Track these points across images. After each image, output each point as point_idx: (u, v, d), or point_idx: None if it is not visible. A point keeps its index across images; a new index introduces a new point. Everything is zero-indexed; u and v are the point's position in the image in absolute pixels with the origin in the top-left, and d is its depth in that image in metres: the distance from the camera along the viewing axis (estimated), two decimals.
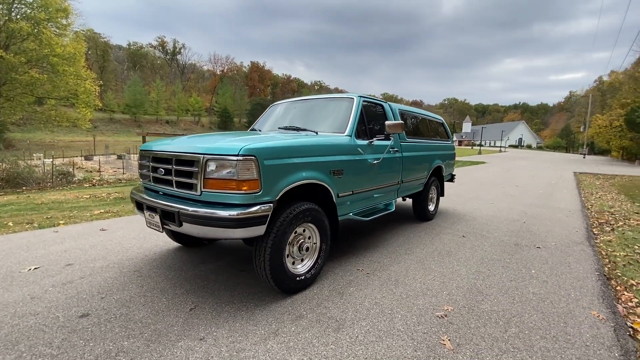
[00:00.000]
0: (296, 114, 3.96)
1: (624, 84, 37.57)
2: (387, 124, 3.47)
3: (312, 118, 3.74)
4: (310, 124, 3.62)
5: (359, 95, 3.71)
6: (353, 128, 3.38)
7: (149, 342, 2.04)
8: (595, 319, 2.52)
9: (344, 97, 3.75)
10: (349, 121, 3.43)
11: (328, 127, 3.48)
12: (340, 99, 3.78)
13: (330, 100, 3.88)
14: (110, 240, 4.06)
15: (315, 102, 3.99)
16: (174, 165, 2.56)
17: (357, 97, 3.67)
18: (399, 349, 2.05)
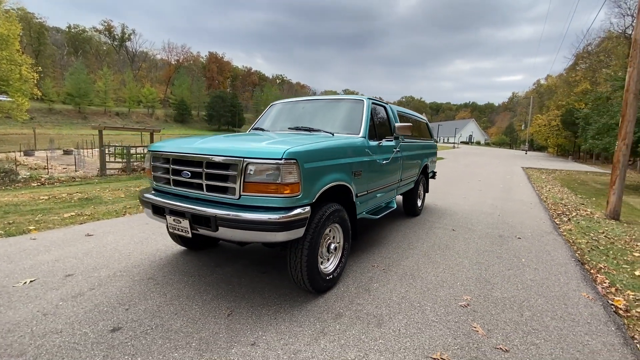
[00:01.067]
0: (303, 114, 3.97)
1: (559, 87, 42.02)
2: (397, 125, 3.63)
3: (322, 119, 3.78)
4: (320, 124, 3.65)
5: (367, 97, 3.83)
6: (366, 130, 3.49)
7: (201, 351, 1.99)
8: (586, 299, 2.92)
9: (354, 99, 3.84)
10: (362, 123, 3.53)
11: (341, 129, 3.54)
12: (350, 100, 3.86)
13: (340, 101, 3.94)
14: (103, 247, 3.78)
15: (323, 102, 4.03)
16: (205, 168, 2.47)
17: (366, 99, 3.78)
18: (441, 338, 2.22)
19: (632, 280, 3.51)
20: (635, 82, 6.76)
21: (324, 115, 3.85)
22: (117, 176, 14.28)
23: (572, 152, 36.45)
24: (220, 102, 65.79)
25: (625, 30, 25.43)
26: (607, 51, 29.60)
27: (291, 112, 4.12)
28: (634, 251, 4.64)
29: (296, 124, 3.75)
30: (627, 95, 6.87)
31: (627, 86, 6.87)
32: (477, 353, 2.08)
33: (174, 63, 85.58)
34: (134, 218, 5.18)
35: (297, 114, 4.02)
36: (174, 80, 72.59)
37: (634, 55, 6.75)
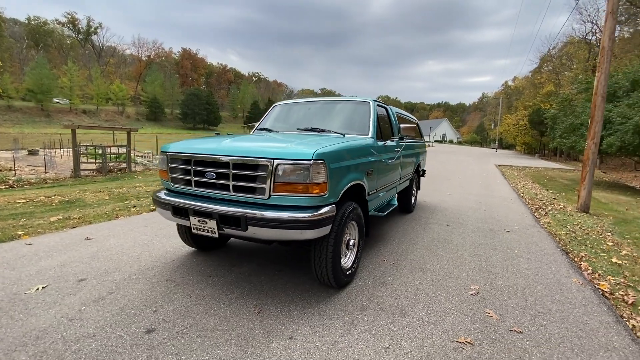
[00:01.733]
0: (310, 115, 4.06)
1: (525, 89, 44.50)
2: (402, 126, 3.82)
3: (330, 120, 3.89)
4: (328, 125, 3.76)
5: (372, 99, 3.98)
6: (375, 131, 3.64)
7: (242, 347, 2.05)
8: (577, 284, 3.23)
9: (360, 101, 3.98)
10: (370, 124, 3.67)
11: (350, 129, 3.67)
12: (356, 102, 3.99)
13: (346, 103, 4.06)
14: (107, 250, 3.69)
15: (329, 104, 4.14)
16: (232, 169, 2.51)
17: (372, 101, 3.93)
18: (461, 324, 2.40)
19: (611, 267, 3.89)
20: (603, 86, 7.37)
21: (331, 116, 3.96)
22: (92, 177, 13.66)
23: (538, 149, 38.80)
24: (195, 100, 63.98)
25: (586, 36, 27.34)
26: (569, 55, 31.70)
27: (297, 113, 4.19)
28: (607, 241, 5.12)
29: (303, 125, 3.83)
30: (595, 98, 7.47)
31: (596, 90, 7.48)
32: (496, 335, 2.28)
33: (144, 59, 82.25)
34: (129, 221, 5.05)
35: (303, 115, 4.10)
36: (145, 76, 69.76)
37: (602, 61, 7.36)
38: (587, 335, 2.35)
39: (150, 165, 19.37)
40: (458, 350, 2.11)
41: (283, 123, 4.13)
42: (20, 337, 2.09)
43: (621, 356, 2.12)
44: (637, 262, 4.17)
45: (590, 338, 2.31)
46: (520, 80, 54.52)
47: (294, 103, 4.48)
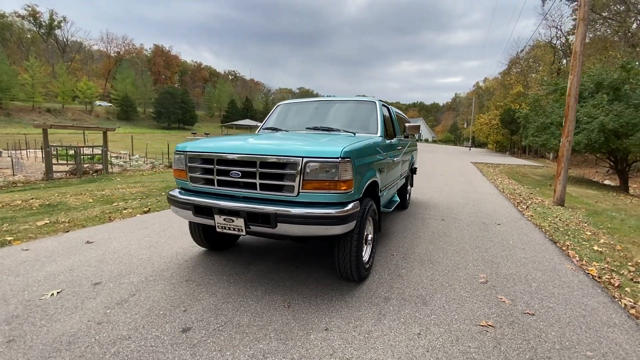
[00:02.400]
0: (317, 114, 4.13)
1: (496, 90, 46.63)
2: (408, 125, 3.98)
3: (337, 119, 3.98)
4: (336, 124, 3.85)
5: (378, 99, 4.11)
6: (383, 130, 3.77)
7: (282, 340, 2.11)
8: (571, 270, 3.52)
9: (366, 101, 4.10)
10: (378, 123, 3.80)
11: (359, 128, 3.77)
12: (363, 102, 4.11)
13: (353, 102, 4.17)
14: (114, 253, 3.59)
15: (336, 103, 4.23)
16: (260, 168, 2.55)
17: (377, 101, 4.06)
18: (479, 309, 2.58)
19: (594, 254, 4.25)
20: (575, 88, 7.94)
21: (338, 116, 4.05)
22: (67, 180, 12.98)
23: (509, 147, 40.89)
24: (170, 98, 61.85)
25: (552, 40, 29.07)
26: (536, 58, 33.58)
27: (303, 113, 4.25)
28: (585, 231, 5.55)
29: (311, 124, 3.89)
30: (569, 99, 8.04)
31: (569, 91, 8.04)
32: (512, 318, 2.47)
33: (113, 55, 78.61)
34: (126, 223, 4.90)
35: (310, 115, 4.17)
36: (115, 74, 66.68)
37: (574, 64, 7.93)
38: (590, 314, 2.59)
39: (127, 166, 18.62)
40: (482, 332, 2.27)
41: (290, 122, 4.18)
42: (51, 343, 2.04)
43: (622, 330, 2.37)
44: (615, 250, 4.58)
45: (593, 317, 2.56)
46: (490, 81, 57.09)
47: (297, 103, 4.53)
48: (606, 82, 12.76)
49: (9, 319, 2.27)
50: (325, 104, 4.28)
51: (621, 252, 4.51)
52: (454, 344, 2.13)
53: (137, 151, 25.16)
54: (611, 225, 6.37)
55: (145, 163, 20.32)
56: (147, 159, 21.79)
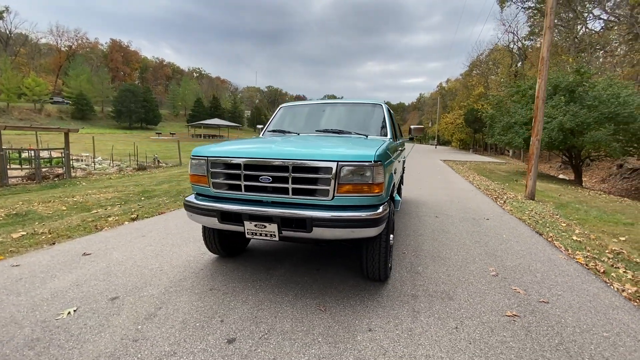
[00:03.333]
0: (325, 117, 4.15)
1: (459, 90, 49.12)
2: (412, 127, 4.12)
3: (346, 122, 4.04)
4: (345, 127, 3.91)
5: (383, 101, 4.22)
6: (392, 131, 3.88)
7: (332, 344, 2.13)
8: (564, 259, 3.85)
9: (373, 103, 4.19)
10: (387, 125, 3.91)
11: (367, 131, 3.85)
12: (369, 104, 4.20)
13: (360, 105, 4.24)
14: (119, 265, 3.38)
15: (342, 106, 4.28)
16: (292, 172, 2.53)
17: (383, 103, 4.17)
18: (500, 300, 2.76)
19: (575, 244, 4.67)
20: (543, 91, 8.62)
21: (346, 118, 4.11)
22: (24, 185, 11.91)
23: (472, 145, 43.33)
24: (131, 96, 58.43)
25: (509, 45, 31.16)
26: (495, 61, 35.83)
27: (310, 115, 4.26)
28: (560, 223, 6.07)
29: (320, 127, 3.92)
30: (538, 101, 8.71)
31: (537, 93, 8.71)
32: (532, 307, 2.68)
33: (64, 50, 72.69)
34: (118, 232, 4.62)
35: (318, 117, 4.18)
36: (67, 69, 61.73)
37: (542, 69, 8.60)
38: (594, 299, 2.87)
39: (91, 169, 17.38)
40: (511, 322, 2.44)
41: (297, 125, 4.17)
42: None
43: (625, 312, 2.66)
44: (590, 239, 5.06)
45: (597, 301, 2.84)
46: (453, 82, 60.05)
47: (300, 105, 4.53)
48: (563, 84, 13.95)
49: (31, 343, 2.09)
50: (330, 106, 4.32)
51: (596, 241, 4.99)
52: (491, 335, 2.27)
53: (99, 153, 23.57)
54: (578, 217, 7.00)
55: (111, 166, 19.08)
56: (112, 161, 20.47)
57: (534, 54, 29.83)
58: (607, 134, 12.15)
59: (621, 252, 4.36)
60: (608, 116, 12.36)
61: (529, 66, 28.60)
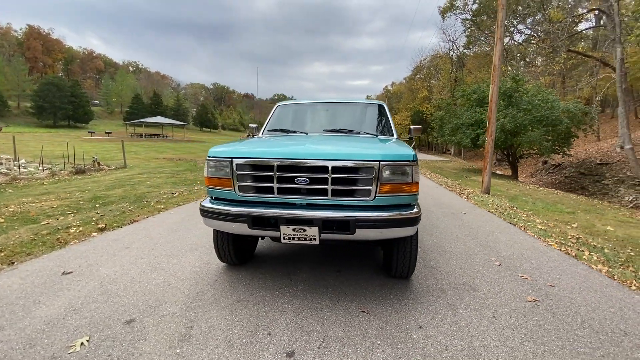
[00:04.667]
0: (329, 116, 4.11)
1: (404, 93, 52.11)
2: (412, 127, 4.26)
3: (352, 121, 4.04)
4: (351, 126, 3.91)
5: (383, 102, 4.29)
6: (396, 131, 3.97)
7: (393, 344, 2.11)
8: (545, 247, 4.31)
9: (374, 103, 4.25)
10: (392, 125, 3.99)
11: (373, 130, 3.90)
12: (372, 104, 4.25)
13: (362, 105, 4.27)
14: (114, 283, 2.96)
15: (344, 105, 4.27)
16: (332, 173, 2.45)
17: (384, 104, 4.25)
18: (517, 287, 2.99)
19: (541, 232, 5.24)
20: (495, 95, 9.52)
21: (351, 117, 4.11)
22: None
23: (418, 144, 46.39)
24: (55, 90, 51.39)
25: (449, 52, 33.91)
26: (436, 67, 38.73)
27: (314, 114, 4.17)
28: (521, 214, 6.77)
29: (326, 126, 3.86)
30: (491, 105, 9.60)
31: (491, 98, 9.60)
32: (544, 291, 2.95)
33: None
34: (92, 245, 4.04)
35: (321, 116, 4.12)
36: None
37: (494, 76, 9.50)
38: (586, 280, 3.25)
39: (15, 173, 14.93)
40: (535, 306, 2.66)
41: (299, 124, 4.05)
42: None
43: (616, 289, 3.05)
44: (550, 227, 5.72)
45: (591, 281, 3.22)
46: (397, 85, 63.55)
47: (299, 104, 4.43)
48: (502, 90, 15.59)
49: None
50: (331, 106, 4.28)
51: (555, 228, 5.66)
52: (526, 320, 2.45)
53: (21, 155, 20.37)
54: (529, 208, 7.88)
55: (40, 169, 16.58)
56: (42, 164, 17.80)
57: (470, 61, 32.93)
58: (540, 135, 13.89)
59: (580, 238, 5.00)
60: (540, 119, 14.14)
61: (467, 73, 31.49)
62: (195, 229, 4.68)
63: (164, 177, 11.02)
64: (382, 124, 4.02)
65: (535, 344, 2.16)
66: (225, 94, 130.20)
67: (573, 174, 17.16)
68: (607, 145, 18.78)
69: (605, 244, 4.73)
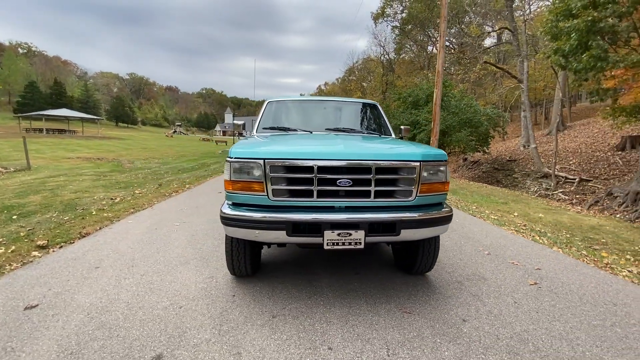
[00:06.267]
0: (328, 115, 4.03)
1: (337, 93, 53.79)
2: (403, 128, 4.41)
3: (353, 120, 4.06)
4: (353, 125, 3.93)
5: (376, 102, 4.35)
6: (392, 130, 4.07)
7: (452, 340, 2.14)
8: (511, 234, 4.89)
9: (369, 103, 4.27)
10: (388, 125, 4.07)
11: (372, 129, 3.94)
12: (367, 104, 4.25)
13: (358, 104, 4.25)
14: (105, 313, 2.42)
15: (343, 104, 4.22)
16: (375, 174, 2.38)
17: (377, 104, 4.30)
18: (514, 273, 3.32)
19: (496, 221, 5.95)
20: (439, 98, 10.47)
21: (351, 116, 4.11)
22: None
23: None
24: None
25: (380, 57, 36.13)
26: (369, 70, 40.92)
27: (312, 112, 4.04)
28: (471, 205, 7.58)
29: (329, 125, 3.78)
30: (435, 107, 10.53)
31: (435, 100, 10.52)
32: (535, 274, 3.33)
33: None
34: (44, 267, 3.26)
35: (320, 115, 4.00)
36: None
37: (438, 81, 10.43)
38: (559, 260, 3.79)
39: None
40: (539, 289, 2.99)
41: (300, 122, 3.87)
42: None
43: (585, 265, 3.62)
44: (504, 217, 6.52)
45: (566, 262, 3.75)
46: (331, 85, 65.44)
47: (292, 101, 4.25)
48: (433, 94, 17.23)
49: None
50: (329, 104, 4.19)
51: (504, 217, 6.48)
52: (541, 301, 2.74)
53: None
54: (472, 200, 8.87)
55: None
56: None
57: (399, 67, 35.62)
58: (467, 135, 15.74)
59: (526, 225, 5.81)
60: (466, 121, 16.01)
61: (397, 77, 34.03)
62: (172, 240, 4.12)
63: (89, 180, 9.46)
64: (380, 123, 4.07)
65: (560, 322, 2.43)
66: (144, 85, 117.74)
67: (489, 169, 19.88)
68: (513, 145, 22.25)
69: (545, 229, 5.57)
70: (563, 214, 7.34)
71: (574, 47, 9.02)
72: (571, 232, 5.52)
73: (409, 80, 28.84)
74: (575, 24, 8.56)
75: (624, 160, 12.51)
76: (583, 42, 8.83)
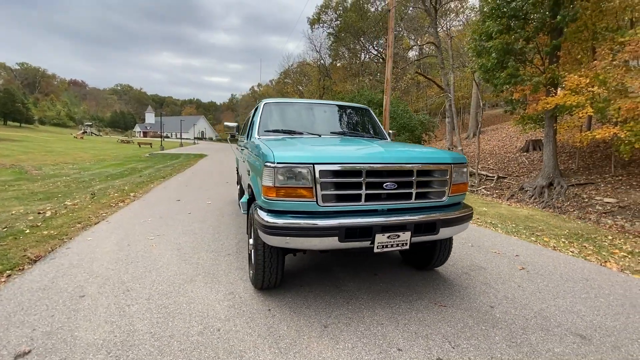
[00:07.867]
0: (329, 118, 4.05)
1: (273, 95, 53.38)
2: (391, 132, 4.63)
3: (353, 124, 4.12)
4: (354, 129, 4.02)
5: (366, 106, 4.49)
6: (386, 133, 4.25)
7: (491, 326, 2.36)
8: (476, 226, 5.50)
9: (363, 108, 4.37)
10: (382, 128, 4.24)
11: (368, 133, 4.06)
12: (362, 108, 4.35)
13: (354, 108, 4.30)
14: (129, 348, 2.05)
15: (340, 108, 4.26)
16: (417, 176, 2.49)
17: (369, 108, 4.45)
18: (502, 261, 3.77)
19: None
20: (388, 104, 11.20)
21: (351, 120, 4.16)
22: None
23: None
24: None
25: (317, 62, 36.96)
26: (305, 73, 41.50)
27: (313, 116, 3.98)
28: None
29: (332, 129, 3.82)
30: (385, 113, 11.24)
31: (385, 106, 11.23)
32: (519, 261, 3.83)
33: None
34: (13, 300, 2.61)
35: (322, 119, 3.98)
36: None
37: (387, 88, 11.15)
38: (526, 246, 4.40)
39: None
40: (528, 273, 3.45)
41: (302, 125, 3.77)
42: None
43: (556, 251, 4.27)
44: None
45: (529, 247, 4.37)
46: (265, 87, 64.58)
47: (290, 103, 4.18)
48: (375, 100, 18.35)
49: None
50: (328, 107, 4.20)
51: None
52: (534, 283, 3.17)
53: None
54: None
55: None
56: None
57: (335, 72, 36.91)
58: (405, 139, 17.13)
59: (479, 217, 6.61)
60: (403, 125, 17.42)
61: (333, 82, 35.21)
62: (157, 256, 3.63)
63: None
64: (376, 127, 4.22)
65: (561, 299, 2.86)
66: (40, 78, 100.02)
67: None
68: (439, 146, 24.94)
69: (494, 220, 6.42)
70: (499, 207, 8.52)
71: (494, 65, 10.65)
72: (514, 222, 6.44)
73: (345, 87, 30.10)
74: (495, 44, 10.12)
75: (529, 160, 15.06)
76: (501, 61, 10.47)
